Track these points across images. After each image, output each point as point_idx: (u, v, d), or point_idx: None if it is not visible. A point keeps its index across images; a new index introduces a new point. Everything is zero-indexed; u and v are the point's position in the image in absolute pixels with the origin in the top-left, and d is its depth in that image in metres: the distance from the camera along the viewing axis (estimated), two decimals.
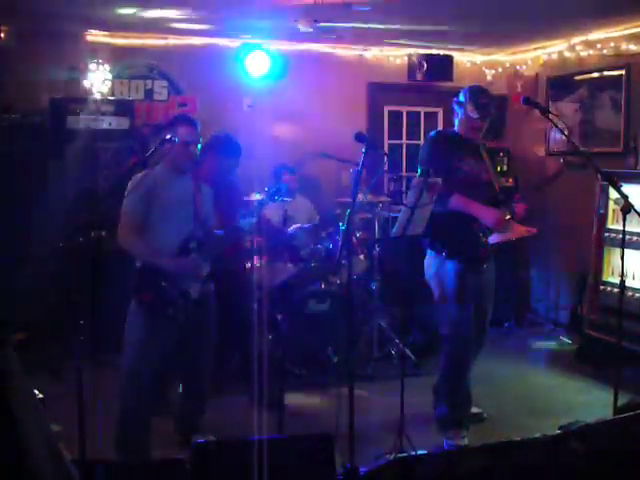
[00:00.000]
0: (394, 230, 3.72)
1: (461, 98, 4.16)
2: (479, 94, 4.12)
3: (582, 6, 4.86)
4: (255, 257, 5.00)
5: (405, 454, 3.62)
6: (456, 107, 4.21)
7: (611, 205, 5.43)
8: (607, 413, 3.70)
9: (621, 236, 3.82)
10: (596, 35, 6.03)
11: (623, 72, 5.90)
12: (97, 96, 5.81)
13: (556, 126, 4.33)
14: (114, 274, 3.98)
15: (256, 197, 4.31)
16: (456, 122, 4.25)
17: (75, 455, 2.92)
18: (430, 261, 4.17)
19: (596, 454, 2.51)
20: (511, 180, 6.85)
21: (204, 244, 3.73)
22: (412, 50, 6.96)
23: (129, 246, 3.64)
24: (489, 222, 4.02)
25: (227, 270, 4.61)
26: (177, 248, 3.68)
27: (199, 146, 3.79)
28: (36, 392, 1.72)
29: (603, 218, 5.50)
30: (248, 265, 5.02)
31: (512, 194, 4.36)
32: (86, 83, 5.83)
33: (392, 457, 3.59)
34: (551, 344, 6.21)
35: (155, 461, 3.58)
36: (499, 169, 6.68)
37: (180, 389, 4.10)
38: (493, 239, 4.11)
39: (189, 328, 3.73)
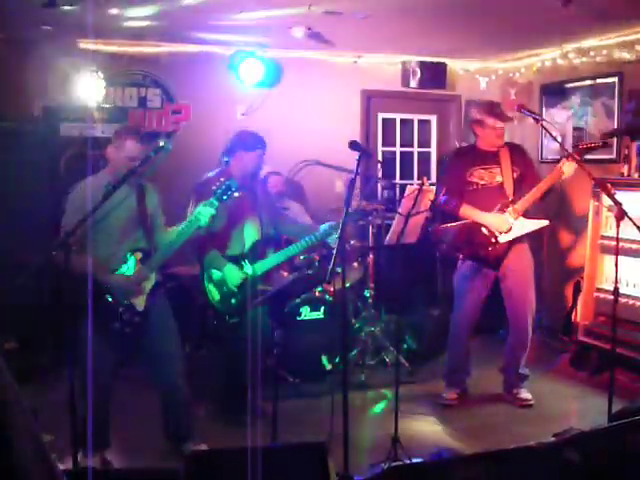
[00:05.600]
0: (388, 238, 3.73)
1: (477, 116, 4.56)
2: (493, 106, 4.62)
3: (575, 14, 4.86)
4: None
5: (400, 462, 3.61)
6: (475, 126, 4.59)
7: (605, 212, 5.44)
8: (602, 420, 3.70)
9: (615, 243, 3.84)
10: (589, 43, 6.04)
11: (616, 79, 5.92)
12: (91, 104, 5.79)
13: (549, 133, 4.35)
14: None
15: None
16: (476, 139, 4.65)
17: (67, 464, 2.90)
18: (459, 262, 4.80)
19: (591, 461, 2.50)
20: None
21: (150, 255, 3.67)
22: (406, 57, 6.98)
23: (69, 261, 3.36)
24: (493, 227, 4.52)
25: None
26: (121, 260, 3.61)
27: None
28: (26, 402, 1.70)
29: (597, 225, 5.50)
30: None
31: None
32: (80, 91, 5.81)
33: (387, 465, 3.58)
34: (544, 351, 6.19)
35: (147, 470, 3.56)
36: None
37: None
38: (506, 237, 4.54)
39: (142, 340, 3.69)
